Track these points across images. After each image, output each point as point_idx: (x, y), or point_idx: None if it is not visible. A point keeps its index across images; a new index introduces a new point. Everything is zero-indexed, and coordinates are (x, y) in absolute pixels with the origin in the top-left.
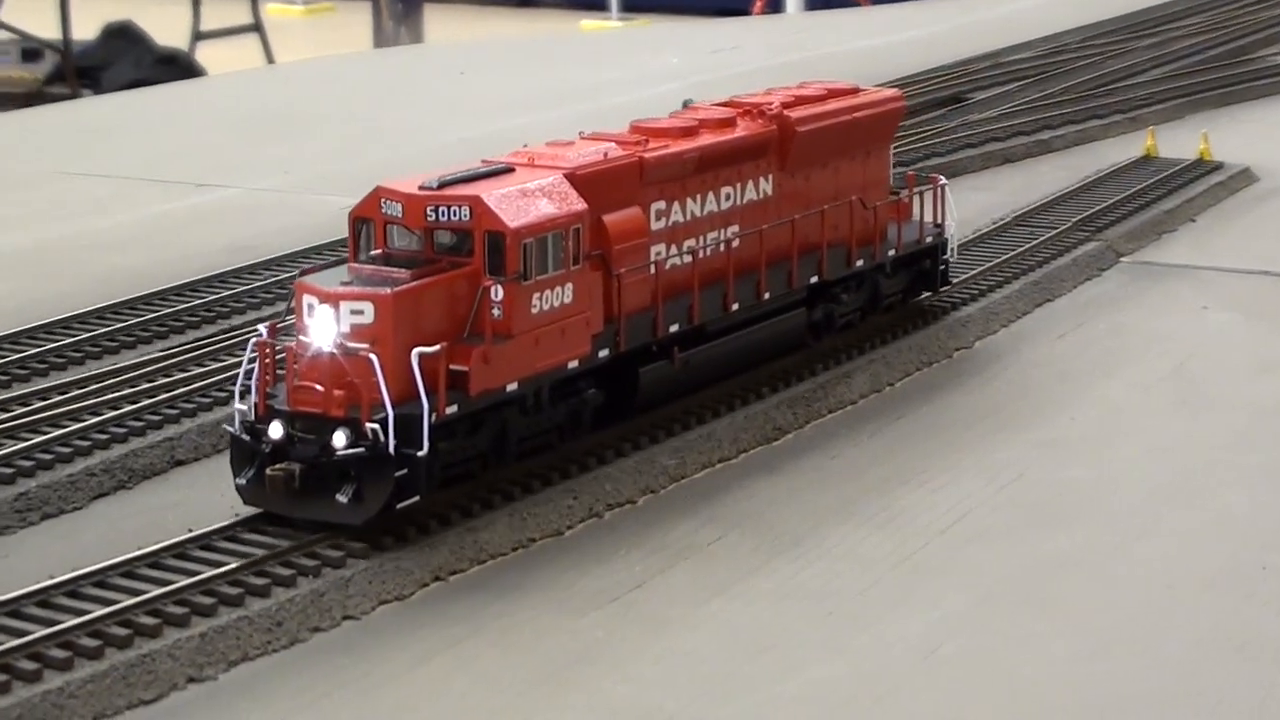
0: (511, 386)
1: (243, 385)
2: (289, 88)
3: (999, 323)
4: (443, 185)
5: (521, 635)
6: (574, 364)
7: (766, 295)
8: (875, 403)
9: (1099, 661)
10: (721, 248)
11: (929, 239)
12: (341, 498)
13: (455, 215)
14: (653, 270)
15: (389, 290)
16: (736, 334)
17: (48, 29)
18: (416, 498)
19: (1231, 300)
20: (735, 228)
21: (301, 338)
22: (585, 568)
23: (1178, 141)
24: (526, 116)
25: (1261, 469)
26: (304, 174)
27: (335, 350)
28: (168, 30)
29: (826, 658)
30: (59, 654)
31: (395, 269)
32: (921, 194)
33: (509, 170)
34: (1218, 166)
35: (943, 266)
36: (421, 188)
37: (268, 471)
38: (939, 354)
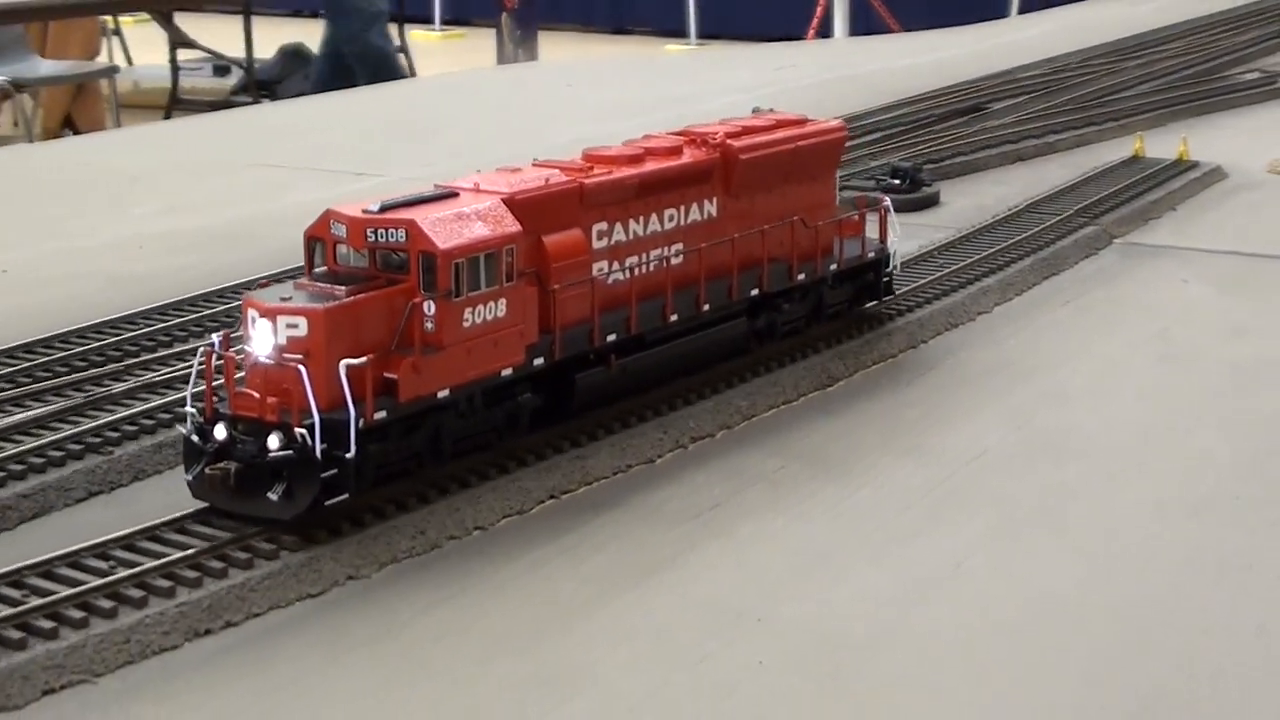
0: (443, 393)
1: (194, 390)
2: (428, 96)
3: (1014, 291)
4: (384, 209)
5: (621, 544)
6: (507, 372)
7: (706, 307)
8: (911, 356)
9: (1099, 574)
10: (663, 264)
11: (871, 254)
12: (272, 495)
13: (392, 237)
14: (590, 285)
15: (321, 306)
16: (676, 341)
17: (235, 49)
18: (345, 495)
19: (1207, 275)
20: (679, 246)
21: (245, 348)
22: (672, 490)
23: (1161, 144)
24: (621, 122)
25: (1234, 415)
26: (441, 166)
27: (271, 360)
28: None
29: (871, 567)
30: (242, 555)
31: (336, 285)
32: (866, 214)
33: (453, 195)
34: (1194, 165)
35: (886, 279)
36: (365, 211)
37: (206, 470)
38: (964, 317)
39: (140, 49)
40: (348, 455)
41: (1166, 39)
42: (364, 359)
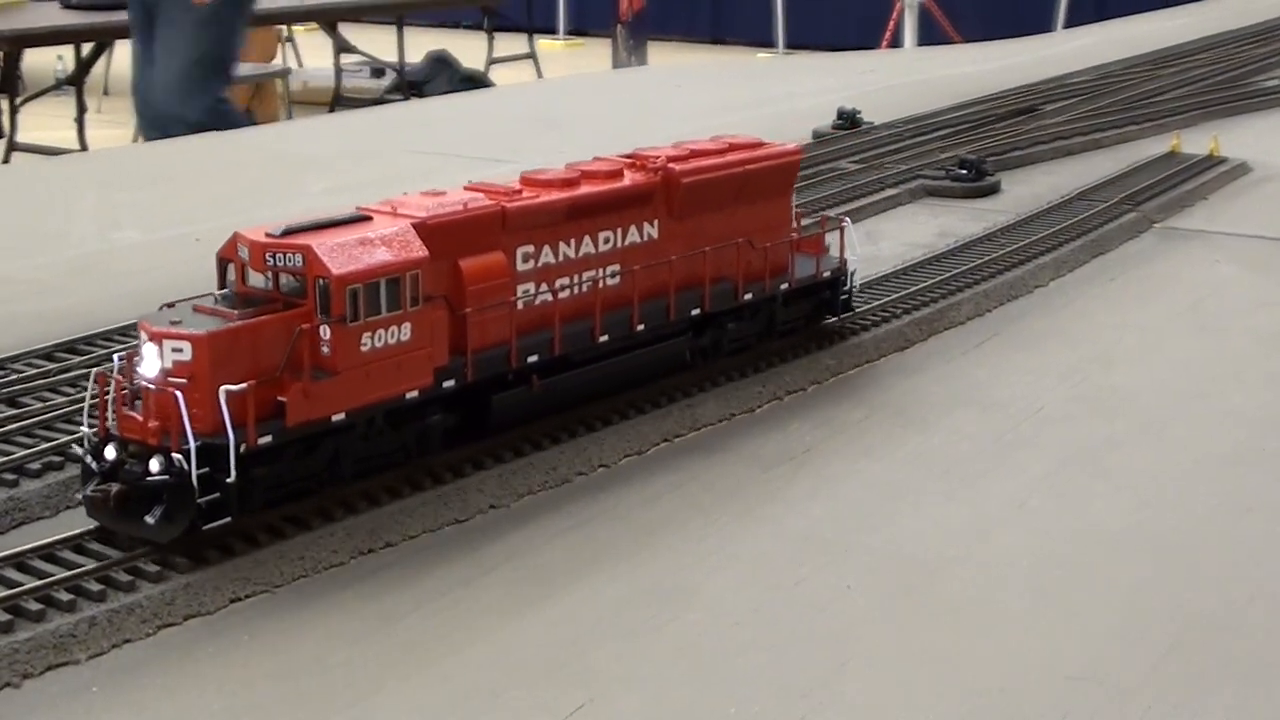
0: (338, 416)
1: (90, 410)
2: (553, 96)
3: (1066, 269)
4: (286, 233)
5: (725, 483)
6: (414, 394)
7: (641, 327)
8: (977, 324)
9: (1142, 513)
10: (596, 285)
11: (826, 273)
12: (149, 519)
13: (290, 261)
14: (509, 308)
15: (205, 331)
16: (608, 361)
17: (389, 55)
18: (228, 519)
19: (1235, 256)
20: (616, 267)
21: (136, 370)
22: (769, 436)
23: (1195, 142)
24: (723, 118)
25: (1261, 377)
26: (565, 155)
27: (153, 384)
28: (471, 58)
29: (944, 504)
30: (403, 486)
31: (231, 309)
32: (824, 233)
33: (365, 219)
34: (1224, 160)
35: (844, 296)
36: (267, 235)
37: (88, 491)
38: (1023, 290)
39: (309, 53)
40: (228, 479)
41: (1198, 50)
42: (245, 384)
